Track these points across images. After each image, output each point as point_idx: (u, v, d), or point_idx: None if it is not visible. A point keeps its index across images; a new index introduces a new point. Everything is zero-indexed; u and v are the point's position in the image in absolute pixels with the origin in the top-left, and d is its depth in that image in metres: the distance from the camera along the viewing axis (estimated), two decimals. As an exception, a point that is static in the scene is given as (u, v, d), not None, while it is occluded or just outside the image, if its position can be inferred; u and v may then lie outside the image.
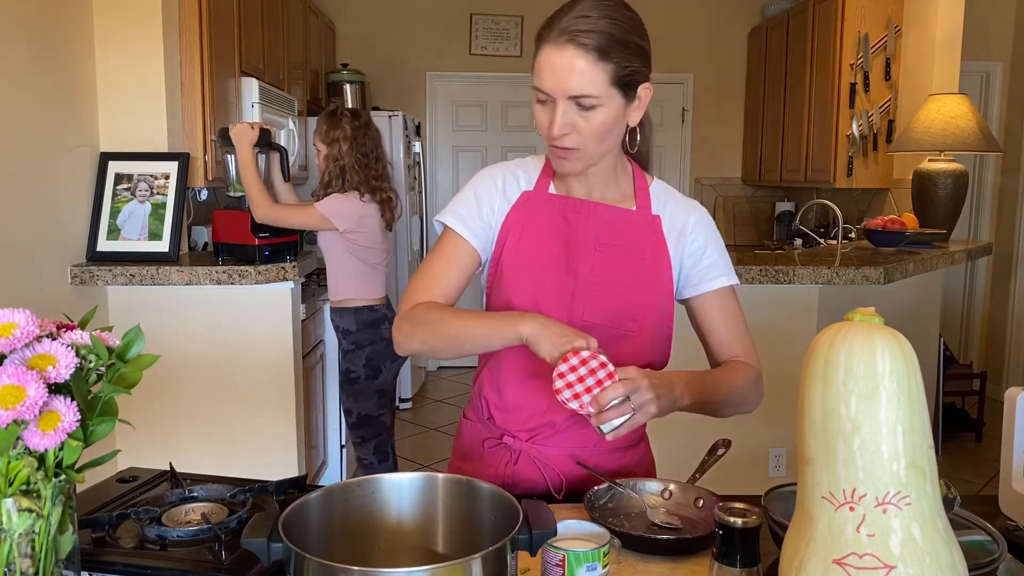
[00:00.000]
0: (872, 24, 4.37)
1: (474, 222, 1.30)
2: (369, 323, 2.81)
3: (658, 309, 1.28)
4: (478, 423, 1.39)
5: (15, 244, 2.38)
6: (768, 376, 3.18)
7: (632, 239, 1.28)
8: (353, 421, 2.89)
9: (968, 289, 5.50)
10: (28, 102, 2.44)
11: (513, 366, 1.30)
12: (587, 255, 1.27)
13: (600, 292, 1.27)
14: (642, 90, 1.21)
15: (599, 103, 1.15)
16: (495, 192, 1.32)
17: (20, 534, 0.82)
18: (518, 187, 1.32)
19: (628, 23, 1.16)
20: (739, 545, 0.89)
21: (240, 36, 3.40)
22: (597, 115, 1.16)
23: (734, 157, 6.06)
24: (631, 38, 1.16)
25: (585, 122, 1.16)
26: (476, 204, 1.30)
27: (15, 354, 0.84)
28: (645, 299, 1.27)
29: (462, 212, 1.30)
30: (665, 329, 1.31)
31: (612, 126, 1.18)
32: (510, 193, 1.31)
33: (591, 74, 1.13)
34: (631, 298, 1.27)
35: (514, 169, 1.34)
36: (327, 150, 2.83)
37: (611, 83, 1.15)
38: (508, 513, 0.92)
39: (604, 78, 1.14)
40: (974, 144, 3.77)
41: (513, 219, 1.30)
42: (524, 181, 1.33)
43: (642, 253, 1.27)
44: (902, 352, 0.84)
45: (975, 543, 1.06)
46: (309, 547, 0.85)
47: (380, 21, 5.77)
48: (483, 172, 1.35)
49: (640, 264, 1.27)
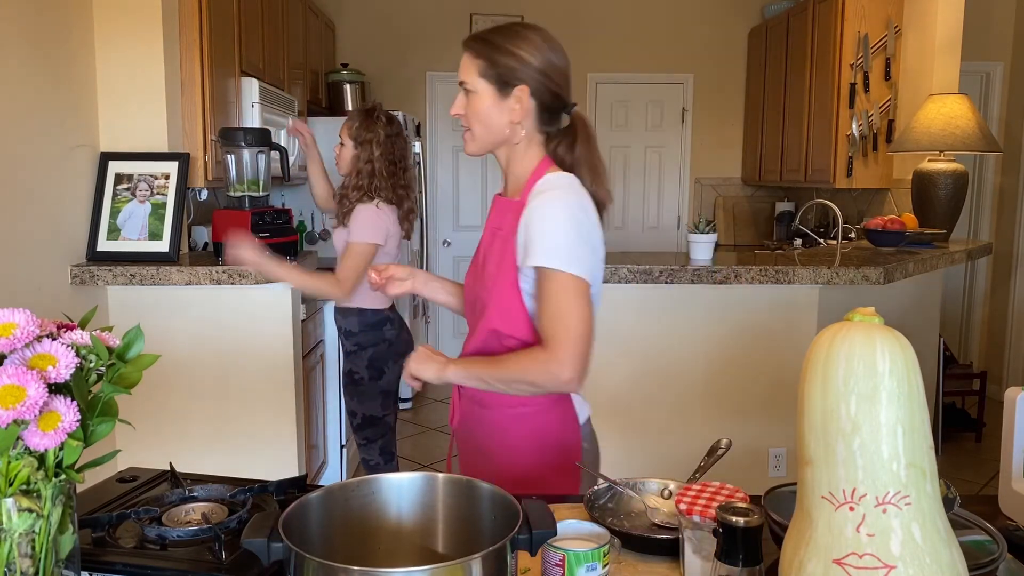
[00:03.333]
0: (872, 24, 4.37)
1: None
2: (372, 324, 2.80)
3: (506, 282, 1.43)
4: None
5: (15, 244, 2.39)
6: (768, 376, 3.18)
7: (508, 225, 1.45)
8: (358, 423, 2.88)
9: (968, 289, 5.50)
10: (28, 102, 2.44)
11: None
12: (485, 243, 1.52)
13: (481, 272, 1.51)
14: (517, 90, 1.41)
15: (473, 90, 1.43)
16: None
17: (20, 534, 0.83)
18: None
19: (507, 34, 1.42)
20: (741, 544, 0.90)
21: (240, 36, 3.40)
22: (474, 100, 1.44)
23: (734, 157, 6.06)
24: (504, 44, 1.41)
25: (470, 106, 1.45)
26: None
27: (15, 354, 0.84)
28: (496, 272, 1.45)
29: None
30: (511, 301, 1.43)
31: (489, 112, 1.43)
32: (489, 200, 1.59)
33: (467, 66, 1.44)
34: (487, 271, 1.48)
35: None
36: (356, 149, 2.75)
37: (480, 75, 1.42)
38: (508, 513, 0.92)
39: (476, 71, 1.42)
40: (974, 144, 3.77)
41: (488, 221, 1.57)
42: (500, 187, 1.58)
43: (506, 236, 1.45)
44: (902, 352, 0.84)
45: (975, 543, 1.06)
46: (309, 547, 0.85)
47: (380, 21, 5.77)
48: None
49: (504, 245, 1.45)
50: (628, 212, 6.11)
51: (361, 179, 2.72)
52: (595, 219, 1.43)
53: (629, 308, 2.93)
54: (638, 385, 2.97)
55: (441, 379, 1.46)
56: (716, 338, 2.96)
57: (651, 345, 2.96)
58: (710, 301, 2.94)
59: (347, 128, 2.78)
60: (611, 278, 2.80)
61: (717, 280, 2.81)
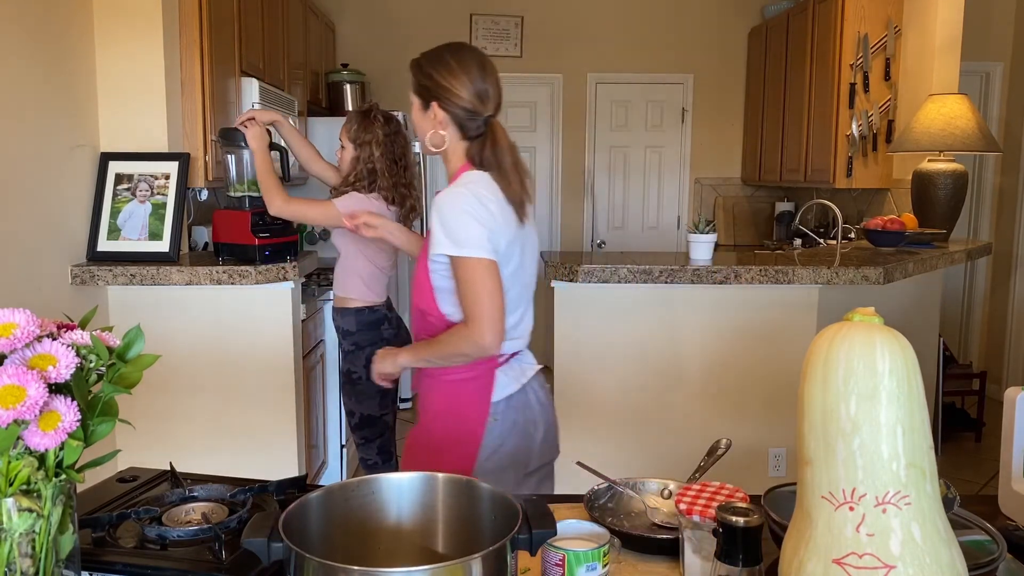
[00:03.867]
0: (872, 24, 4.37)
1: None
2: (369, 324, 2.81)
3: (423, 267, 1.68)
4: None
5: (16, 244, 2.39)
6: (768, 376, 3.18)
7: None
8: (356, 422, 2.88)
9: (968, 289, 5.50)
10: (29, 102, 2.44)
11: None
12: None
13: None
14: (434, 105, 1.67)
15: (411, 102, 1.73)
16: None
17: (20, 534, 0.83)
18: None
19: (431, 58, 1.69)
20: (741, 544, 0.90)
21: (240, 36, 3.40)
22: (412, 111, 1.73)
23: (734, 157, 6.06)
24: (426, 67, 1.68)
25: (412, 116, 1.74)
26: None
27: (15, 354, 0.84)
28: (419, 260, 1.72)
29: None
30: (424, 284, 1.68)
31: (419, 122, 1.72)
32: None
33: (412, 80, 1.73)
34: (418, 261, 1.75)
35: None
36: (356, 151, 2.76)
37: (413, 91, 1.72)
38: (508, 513, 0.92)
39: (412, 87, 1.72)
40: (974, 144, 3.77)
41: None
42: None
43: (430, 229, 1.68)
44: (902, 352, 0.84)
45: (975, 543, 1.06)
46: (309, 547, 0.85)
47: (380, 21, 5.77)
48: None
49: (428, 237, 1.68)
50: (628, 212, 6.11)
51: (362, 180, 2.74)
52: (496, 206, 1.62)
53: (629, 308, 2.93)
54: (638, 385, 2.97)
55: (399, 366, 1.74)
56: (716, 338, 2.96)
57: (651, 345, 2.96)
58: (710, 301, 2.94)
59: (345, 131, 2.79)
60: (611, 278, 2.81)
61: (717, 280, 2.81)
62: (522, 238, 1.70)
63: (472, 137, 1.69)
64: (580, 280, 2.80)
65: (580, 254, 3.34)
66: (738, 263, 2.87)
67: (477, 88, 1.65)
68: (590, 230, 6.07)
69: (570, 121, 5.97)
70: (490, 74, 1.68)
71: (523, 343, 1.76)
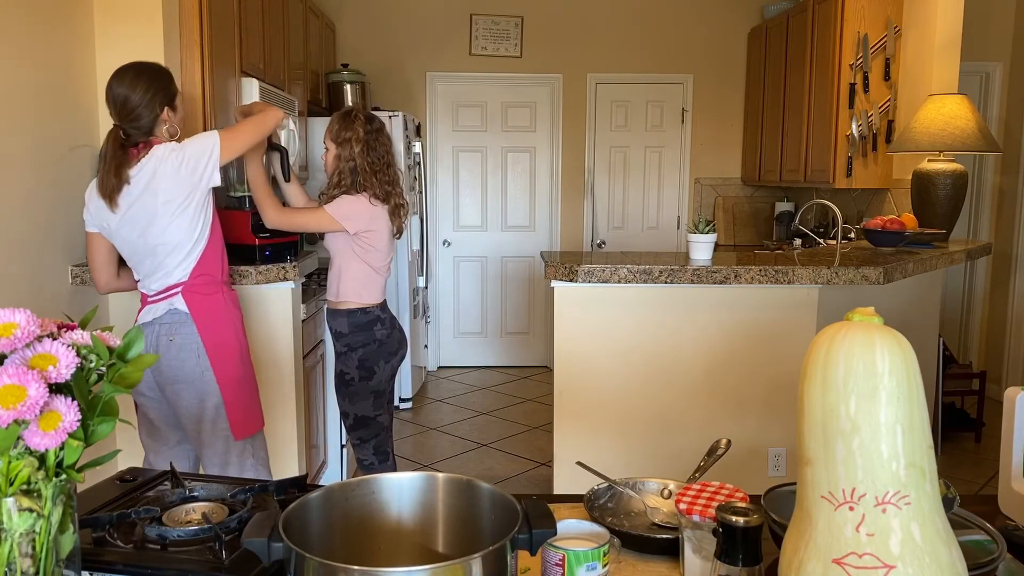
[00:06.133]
0: (872, 24, 4.38)
1: None
2: (361, 325, 2.80)
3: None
4: None
5: (16, 244, 2.39)
6: (768, 376, 3.17)
7: None
8: (350, 423, 2.89)
9: (968, 289, 5.50)
10: (28, 102, 2.44)
11: None
12: None
13: None
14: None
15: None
16: None
17: (21, 534, 0.83)
18: None
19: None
20: (741, 544, 0.90)
21: (240, 36, 3.40)
22: None
23: (734, 157, 6.07)
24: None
25: None
26: None
27: (16, 354, 0.84)
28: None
29: None
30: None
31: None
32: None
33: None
34: None
35: None
36: (337, 150, 2.79)
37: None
38: (508, 513, 0.92)
39: None
40: (973, 144, 3.77)
41: None
42: None
43: None
44: (902, 352, 0.84)
45: (975, 543, 1.06)
46: (309, 547, 0.85)
47: (380, 21, 5.77)
48: None
49: None
50: (628, 212, 6.12)
51: (344, 177, 2.76)
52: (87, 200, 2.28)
53: (629, 308, 2.93)
54: (638, 385, 2.98)
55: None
56: (716, 338, 2.96)
57: (651, 345, 2.96)
58: (710, 301, 2.94)
59: (328, 132, 2.83)
60: (611, 278, 2.81)
61: (717, 280, 2.81)
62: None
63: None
64: (580, 280, 2.81)
65: (580, 254, 3.34)
66: (738, 263, 2.87)
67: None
68: (590, 230, 6.07)
69: (570, 121, 5.97)
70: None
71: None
